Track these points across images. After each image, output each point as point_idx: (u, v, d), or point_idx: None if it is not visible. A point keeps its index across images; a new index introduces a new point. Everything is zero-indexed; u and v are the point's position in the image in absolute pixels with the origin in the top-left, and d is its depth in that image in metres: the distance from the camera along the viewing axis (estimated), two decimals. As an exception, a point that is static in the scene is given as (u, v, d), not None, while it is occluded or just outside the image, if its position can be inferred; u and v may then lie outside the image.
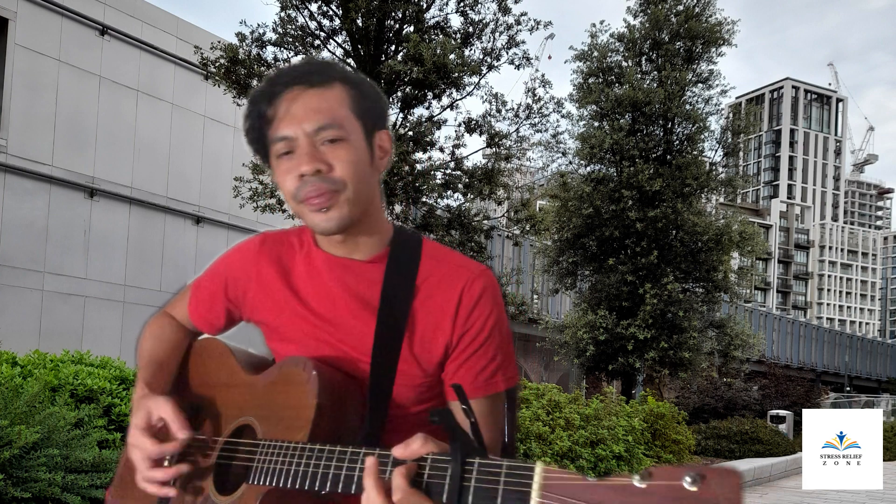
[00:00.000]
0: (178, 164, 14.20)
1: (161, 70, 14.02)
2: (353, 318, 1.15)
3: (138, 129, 13.60)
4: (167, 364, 1.28)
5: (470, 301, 1.14)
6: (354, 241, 1.17)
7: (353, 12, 9.88)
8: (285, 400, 1.10)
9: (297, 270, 1.20)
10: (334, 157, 1.10)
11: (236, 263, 1.25)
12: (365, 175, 1.13)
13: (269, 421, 1.12)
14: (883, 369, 45.89)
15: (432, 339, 1.14)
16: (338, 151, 1.10)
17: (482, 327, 1.14)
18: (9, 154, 11.78)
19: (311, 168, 1.08)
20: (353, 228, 1.14)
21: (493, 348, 1.15)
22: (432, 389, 1.18)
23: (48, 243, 12.23)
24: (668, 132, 14.58)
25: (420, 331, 1.14)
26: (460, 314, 1.14)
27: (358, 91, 1.15)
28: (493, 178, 10.81)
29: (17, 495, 3.01)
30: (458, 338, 1.14)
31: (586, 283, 15.59)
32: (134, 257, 13.39)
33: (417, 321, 1.14)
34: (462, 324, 1.14)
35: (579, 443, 6.66)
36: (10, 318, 11.38)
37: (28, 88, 12.15)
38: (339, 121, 1.11)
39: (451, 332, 1.14)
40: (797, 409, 15.67)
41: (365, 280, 1.17)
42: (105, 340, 12.21)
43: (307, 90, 1.11)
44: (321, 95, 1.11)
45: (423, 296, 1.15)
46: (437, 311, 1.14)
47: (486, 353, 1.15)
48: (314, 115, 1.09)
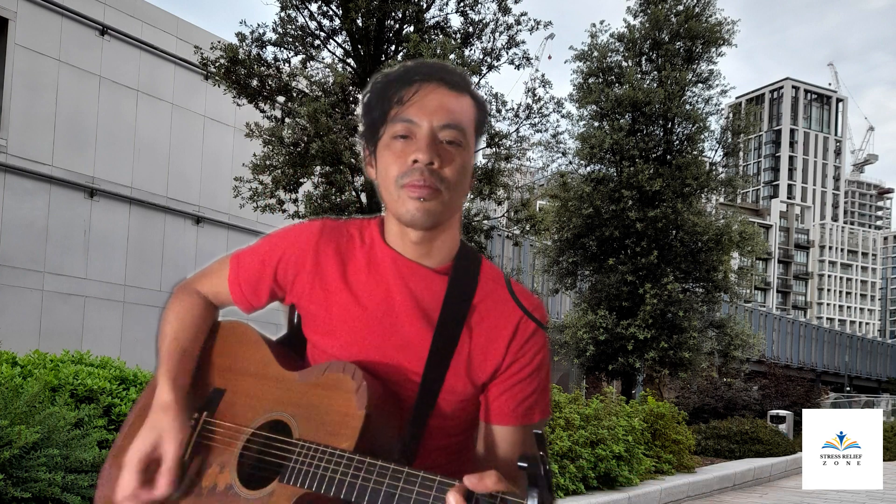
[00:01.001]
0: (178, 164, 14.19)
1: (161, 70, 14.01)
2: (409, 323, 1.15)
3: (138, 129, 13.60)
4: (191, 351, 1.24)
5: (526, 332, 1.17)
6: (429, 245, 1.16)
7: (353, 12, 9.88)
8: (330, 405, 1.08)
9: (356, 264, 1.18)
10: (448, 157, 1.11)
11: (292, 247, 1.21)
12: (465, 186, 1.15)
13: (310, 423, 1.09)
14: (883, 369, 45.88)
15: (483, 359, 1.16)
16: (453, 154, 1.12)
17: (532, 359, 1.17)
18: (9, 154, 11.78)
19: (427, 157, 1.09)
20: (432, 234, 1.15)
21: (537, 381, 1.18)
22: (469, 405, 1.19)
23: (48, 243, 12.23)
24: (668, 132, 14.58)
25: (472, 348, 1.15)
26: (514, 342, 1.16)
27: (481, 112, 1.19)
28: (493, 178, 10.80)
29: (17, 495, 3.01)
30: (509, 365, 1.16)
31: (586, 283, 15.59)
32: (134, 257, 13.39)
33: (472, 339, 1.15)
34: (515, 352, 1.16)
35: (579, 443, 6.66)
36: (10, 318, 11.37)
37: (28, 88, 12.15)
38: (462, 126, 1.13)
39: (504, 357, 1.16)
40: (797, 409, 15.67)
41: (430, 288, 1.16)
42: (105, 340, 12.20)
43: (444, 88, 1.14)
44: (455, 98, 1.14)
45: (478, 316, 1.16)
46: (490, 332, 1.16)
47: (530, 385, 1.18)
48: (445, 112, 1.12)
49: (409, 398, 1.13)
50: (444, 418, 1.16)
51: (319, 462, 1.03)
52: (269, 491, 1.06)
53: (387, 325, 1.15)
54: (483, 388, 1.18)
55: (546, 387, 1.21)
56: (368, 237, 1.20)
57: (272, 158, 10.02)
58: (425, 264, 1.17)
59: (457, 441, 1.20)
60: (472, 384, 1.16)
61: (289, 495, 1.04)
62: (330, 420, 1.07)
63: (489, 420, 1.18)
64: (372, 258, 1.18)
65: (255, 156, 10.19)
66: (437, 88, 1.13)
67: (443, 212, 1.12)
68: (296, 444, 1.07)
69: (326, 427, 1.06)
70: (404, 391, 1.13)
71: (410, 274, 1.16)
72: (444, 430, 1.17)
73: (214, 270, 1.29)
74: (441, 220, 1.13)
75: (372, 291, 1.16)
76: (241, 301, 1.26)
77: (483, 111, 1.19)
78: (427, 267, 1.17)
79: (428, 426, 1.14)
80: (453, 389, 1.15)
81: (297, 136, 9.80)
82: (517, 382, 1.17)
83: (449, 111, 1.12)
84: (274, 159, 10.01)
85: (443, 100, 1.13)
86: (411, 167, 1.09)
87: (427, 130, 1.10)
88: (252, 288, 1.24)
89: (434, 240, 1.16)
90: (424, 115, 1.11)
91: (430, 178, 1.09)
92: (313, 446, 1.05)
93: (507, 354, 1.16)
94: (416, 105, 1.11)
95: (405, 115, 1.11)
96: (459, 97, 1.15)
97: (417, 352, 1.13)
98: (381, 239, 1.19)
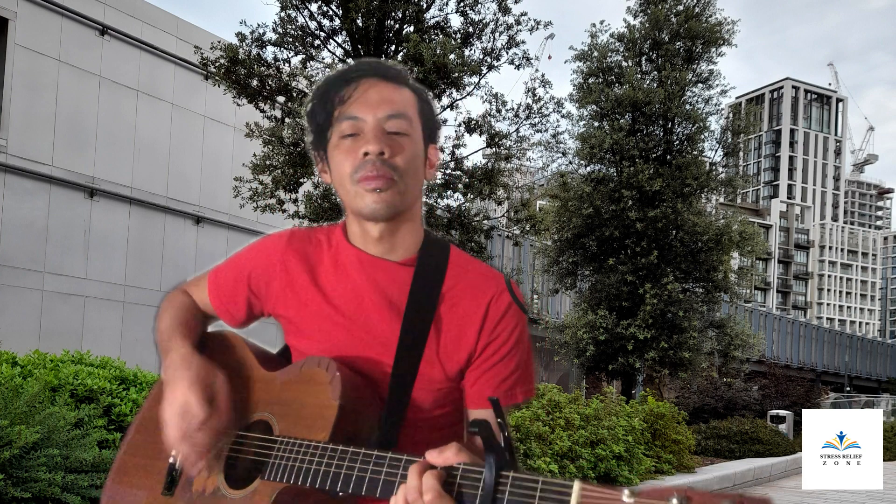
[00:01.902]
0: (178, 164, 14.19)
1: (161, 70, 14.01)
2: (379, 318, 1.16)
3: (138, 129, 13.60)
4: (194, 327, 1.26)
5: (497, 313, 1.16)
6: (391, 240, 1.18)
7: (353, 12, 9.87)
8: (306, 399, 1.10)
9: (324, 267, 1.20)
10: (398, 147, 1.13)
11: (262, 256, 1.24)
12: (418, 174, 1.17)
13: (288, 419, 1.11)
14: (883, 369, 45.86)
15: (456, 346, 1.16)
16: (402, 143, 1.13)
17: (507, 339, 1.16)
18: (9, 154, 11.78)
19: (376, 148, 1.10)
20: (393, 225, 1.16)
21: (516, 361, 1.17)
22: (450, 395, 1.19)
23: (48, 243, 12.23)
24: (668, 132, 14.57)
25: (444, 337, 1.15)
26: (487, 324, 1.16)
27: (423, 101, 1.21)
28: (493, 178, 10.80)
29: (17, 495, 3.01)
30: (483, 347, 1.16)
31: (586, 283, 15.58)
32: (134, 257, 13.39)
33: (442, 327, 1.15)
34: (488, 334, 1.16)
35: (579, 443, 6.66)
36: (10, 318, 11.37)
37: (28, 88, 12.15)
38: (407, 115, 1.15)
39: (477, 340, 1.16)
40: (797, 409, 15.66)
41: (396, 281, 1.17)
42: (105, 340, 12.21)
43: (382, 82, 1.16)
44: (395, 90, 1.16)
45: (448, 303, 1.16)
46: (462, 319, 1.16)
47: (508, 365, 1.17)
48: (387, 104, 1.14)
49: (386, 391, 1.14)
50: (425, 410, 1.16)
51: (297, 455, 1.04)
52: (253, 489, 1.08)
53: (359, 322, 1.16)
54: (462, 376, 1.18)
55: (527, 366, 1.20)
56: (335, 240, 1.22)
57: (272, 158, 10.02)
58: (390, 258, 1.18)
59: (444, 434, 1.20)
60: (448, 372, 1.16)
61: (270, 491, 1.05)
62: (306, 414, 1.08)
63: (469, 405, 1.18)
64: (338, 259, 1.20)
65: (255, 156, 10.19)
66: (376, 83, 1.16)
67: (401, 201, 1.13)
68: (275, 440, 1.09)
69: (304, 421, 1.08)
70: (382, 385, 1.14)
71: (375, 270, 1.17)
72: (429, 423, 1.17)
73: (196, 282, 1.32)
74: (400, 210, 1.14)
75: (341, 291, 1.18)
76: (224, 314, 1.29)
77: (425, 100, 1.21)
78: (392, 261, 1.18)
79: (412, 419, 1.14)
80: (430, 379, 1.15)
81: (297, 136, 9.80)
82: (495, 364, 1.16)
83: (391, 102, 1.14)
84: (274, 159, 10.01)
85: (383, 92, 1.15)
86: (363, 160, 1.11)
87: (373, 123, 1.13)
88: (230, 299, 1.27)
89: (395, 233, 1.17)
90: (368, 109, 1.13)
91: (383, 168, 1.11)
92: (291, 440, 1.07)
93: (481, 337, 1.15)
94: (358, 101, 1.14)
95: (349, 112, 1.14)
96: (399, 89, 1.17)
97: (390, 345, 1.14)
98: (345, 240, 1.21)
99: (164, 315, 1.27)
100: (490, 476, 0.85)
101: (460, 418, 1.22)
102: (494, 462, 0.85)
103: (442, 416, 1.19)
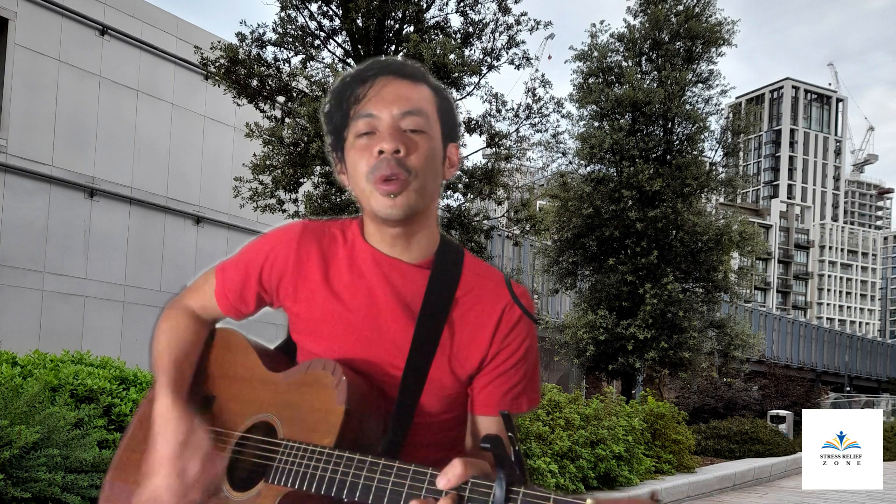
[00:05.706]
0: (178, 164, 14.19)
1: (161, 70, 14.01)
2: (392, 319, 1.14)
3: (138, 129, 13.60)
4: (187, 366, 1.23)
5: (510, 321, 1.16)
6: (407, 241, 1.16)
7: (353, 12, 9.87)
8: (311, 402, 1.09)
9: (337, 264, 1.18)
10: (413, 145, 1.11)
11: (274, 250, 1.21)
12: (435, 173, 1.15)
13: (293, 422, 1.10)
14: (883, 369, 45.86)
15: (468, 352, 1.15)
16: (418, 142, 1.11)
17: (517, 348, 1.16)
18: (9, 154, 11.77)
19: (391, 146, 1.09)
20: (409, 227, 1.14)
21: (524, 370, 1.17)
22: (458, 400, 1.18)
23: (48, 243, 12.23)
24: (668, 132, 14.57)
25: (456, 342, 1.15)
26: (499, 332, 1.15)
27: (442, 98, 1.18)
28: (493, 178, 10.80)
29: (17, 495, 3.01)
30: (494, 354, 1.16)
31: (586, 283, 15.57)
32: (134, 257, 13.39)
33: (455, 333, 1.15)
34: (500, 342, 1.15)
35: (579, 443, 6.66)
36: (10, 318, 11.37)
37: (28, 88, 12.14)
38: (424, 113, 1.13)
39: (488, 348, 1.15)
40: (797, 409, 15.67)
41: (410, 283, 1.16)
42: (105, 340, 12.20)
43: (399, 79, 1.14)
44: (412, 87, 1.14)
45: (461, 309, 1.15)
46: (474, 325, 1.15)
47: (516, 374, 1.17)
48: (403, 101, 1.12)
49: (395, 394, 1.13)
50: (433, 414, 1.16)
51: (301, 460, 1.04)
52: (256, 492, 1.07)
53: (370, 322, 1.15)
54: (470, 381, 1.17)
55: (534, 375, 1.20)
56: (350, 236, 1.20)
57: (272, 158, 10.01)
58: (405, 259, 1.17)
59: (450, 437, 1.20)
60: (458, 377, 1.15)
61: (274, 495, 1.05)
62: (311, 418, 1.08)
63: (475, 411, 1.18)
64: (353, 257, 1.18)
65: (255, 156, 10.19)
66: (392, 80, 1.14)
67: (417, 200, 1.11)
68: (280, 443, 1.08)
69: (308, 425, 1.07)
70: (390, 387, 1.13)
71: (391, 270, 1.16)
72: (436, 426, 1.17)
73: (200, 285, 1.29)
74: (416, 210, 1.12)
75: (354, 290, 1.16)
76: (229, 310, 1.26)
77: (444, 98, 1.19)
78: (407, 262, 1.17)
79: (419, 422, 1.13)
80: (440, 383, 1.14)
81: (297, 136, 9.80)
82: (504, 372, 1.16)
83: (408, 99, 1.13)
84: (274, 159, 10.01)
85: (400, 90, 1.13)
86: (378, 159, 1.09)
87: (388, 121, 1.11)
88: (238, 295, 1.24)
89: (412, 234, 1.16)
90: (383, 106, 1.11)
91: (398, 168, 1.09)
92: (296, 445, 1.06)
93: (493, 344, 1.15)
94: (374, 99, 1.12)
95: (364, 110, 1.12)
96: (417, 86, 1.15)
97: (401, 347, 1.13)
98: (361, 237, 1.19)
99: (160, 337, 1.24)
100: (500, 492, 0.85)
101: (465, 420, 1.21)
102: (505, 477, 0.85)
103: (448, 419, 1.18)
